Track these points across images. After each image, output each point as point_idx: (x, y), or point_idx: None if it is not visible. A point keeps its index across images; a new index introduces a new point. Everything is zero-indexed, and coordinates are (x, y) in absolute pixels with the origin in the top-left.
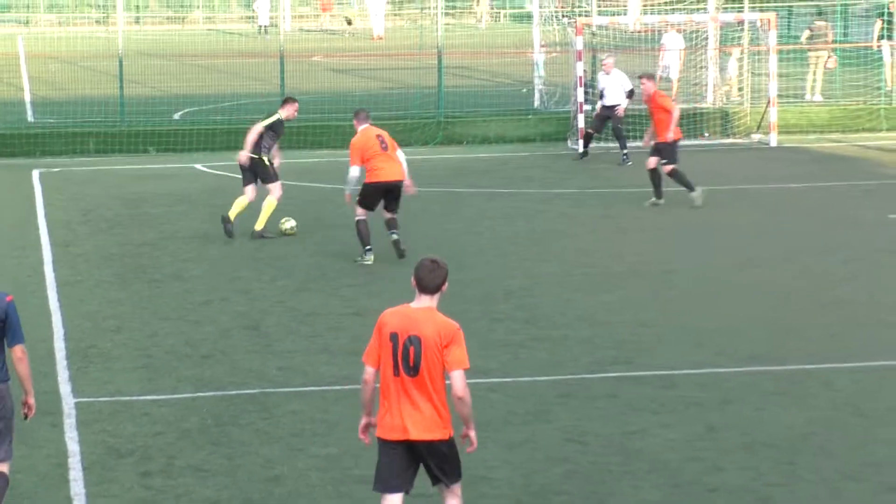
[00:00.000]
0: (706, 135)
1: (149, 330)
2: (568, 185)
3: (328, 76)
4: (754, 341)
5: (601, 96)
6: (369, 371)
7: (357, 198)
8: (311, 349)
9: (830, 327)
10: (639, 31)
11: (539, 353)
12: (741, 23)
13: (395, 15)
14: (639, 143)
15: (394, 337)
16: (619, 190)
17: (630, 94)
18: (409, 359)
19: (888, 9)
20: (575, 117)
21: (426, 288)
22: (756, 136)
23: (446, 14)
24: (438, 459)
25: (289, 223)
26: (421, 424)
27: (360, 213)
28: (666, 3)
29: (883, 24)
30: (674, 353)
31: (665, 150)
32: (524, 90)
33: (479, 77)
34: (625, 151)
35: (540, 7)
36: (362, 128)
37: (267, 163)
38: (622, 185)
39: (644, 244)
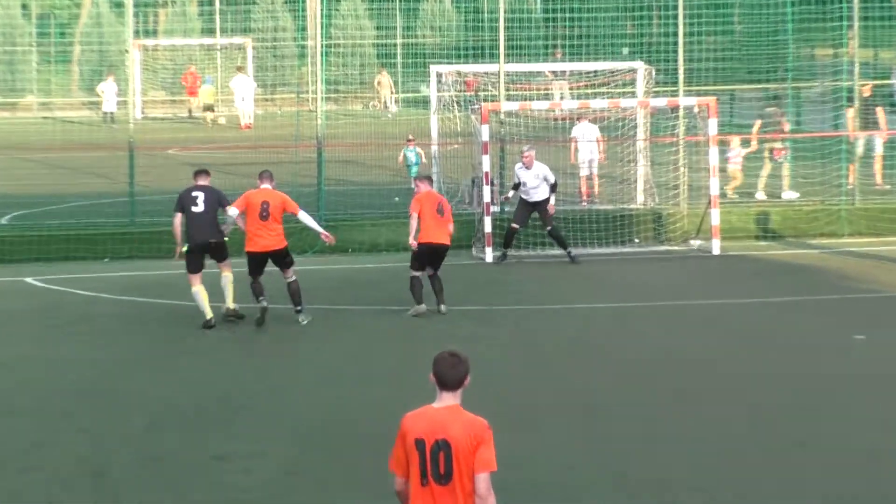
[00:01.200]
0: (636, 240)
1: None
2: (475, 301)
3: (186, 172)
4: (694, 491)
5: (518, 188)
6: (399, 481)
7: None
8: (164, 500)
9: (790, 475)
10: (555, 119)
11: None
12: (675, 109)
13: (266, 100)
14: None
15: (420, 443)
16: (536, 307)
17: (554, 188)
18: (438, 466)
19: (859, 93)
20: (481, 220)
21: (447, 385)
22: (695, 242)
23: (328, 99)
24: None
25: None
26: None
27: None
28: (587, 86)
29: (855, 111)
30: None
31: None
32: (396, 199)
33: (368, 173)
34: (569, 250)
35: (438, 91)
36: (262, 186)
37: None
38: (537, 300)
39: (563, 369)
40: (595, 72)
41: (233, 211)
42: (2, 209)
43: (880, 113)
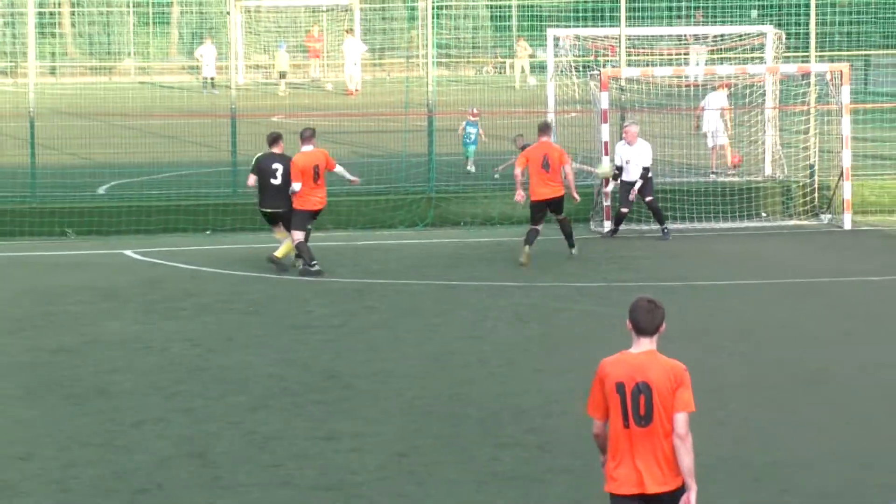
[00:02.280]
0: (764, 214)
1: (66, 458)
2: (592, 278)
3: (291, 141)
4: (826, 476)
5: (620, 171)
6: (598, 424)
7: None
8: (271, 482)
9: None
10: (686, 87)
11: (556, 487)
12: (807, 76)
13: (374, 65)
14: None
15: (620, 387)
16: (657, 284)
17: (646, 174)
18: (639, 408)
19: None
20: (599, 193)
21: (644, 330)
22: (826, 217)
23: (439, 64)
24: None
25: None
26: (658, 476)
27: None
28: (713, 51)
29: None
30: (726, 489)
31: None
32: (496, 175)
33: (480, 142)
34: (664, 227)
35: (555, 56)
36: (305, 149)
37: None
38: (660, 276)
39: (686, 351)
40: (722, 36)
41: (296, 185)
42: (99, 178)
43: None
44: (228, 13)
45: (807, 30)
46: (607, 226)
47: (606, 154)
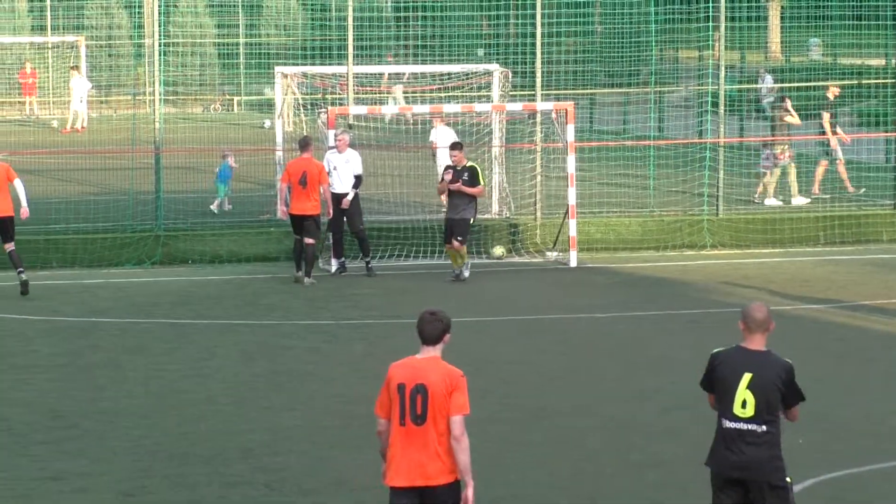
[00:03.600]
0: (498, 253)
1: None
2: (321, 315)
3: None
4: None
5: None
6: (382, 422)
7: None
8: None
9: (644, 493)
10: (408, 124)
11: None
12: (532, 114)
13: (101, 102)
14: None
15: (401, 388)
16: (386, 321)
17: (358, 183)
18: (416, 407)
19: (827, 95)
20: (329, 230)
21: (426, 339)
22: (552, 254)
23: (166, 101)
24: (448, 499)
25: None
26: (427, 470)
27: None
28: (441, 89)
29: (831, 114)
30: None
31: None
32: (264, 216)
33: (209, 180)
34: (368, 260)
35: (283, 94)
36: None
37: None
38: (390, 313)
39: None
40: (449, 74)
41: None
42: None
43: (826, 119)
44: None
45: (533, 68)
46: (334, 264)
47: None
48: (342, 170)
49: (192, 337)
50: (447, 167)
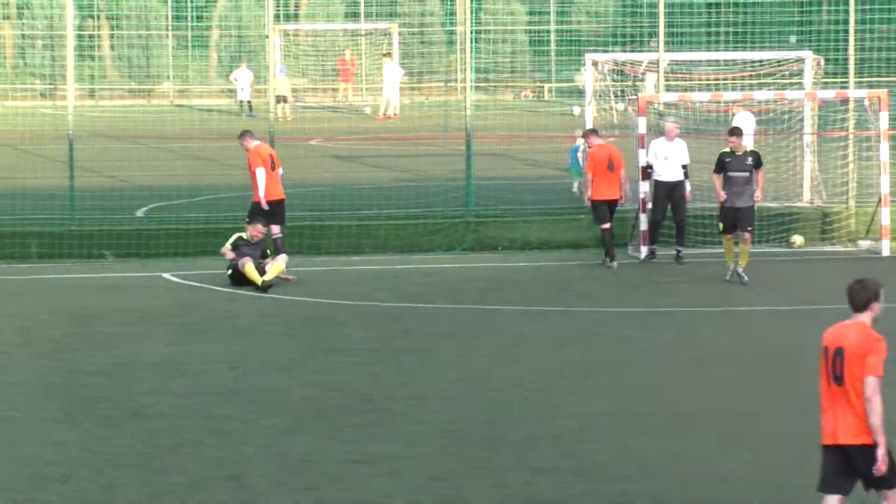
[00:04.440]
0: (798, 242)
1: (102, 480)
2: (630, 303)
3: (328, 164)
4: None
5: (650, 168)
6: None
7: None
8: None
9: None
10: (713, 112)
11: None
12: (845, 101)
13: (412, 89)
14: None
15: (825, 351)
16: (697, 309)
17: (686, 172)
18: (836, 369)
19: None
20: (637, 217)
21: (853, 306)
22: (864, 243)
23: (477, 88)
24: (868, 464)
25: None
26: (848, 430)
27: None
28: (752, 76)
29: None
30: None
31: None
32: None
33: (519, 167)
34: (680, 249)
35: (594, 81)
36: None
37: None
38: (701, 302)
39: (723, 378)
40: (760, 61)
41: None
42: (138, 201)
43: None
44: (267, 36)
45: (846, 55)
46: (644, 250)
47: (644, 178)
48: (672, 158)
49: (501, 323)
50: (722, 154)
